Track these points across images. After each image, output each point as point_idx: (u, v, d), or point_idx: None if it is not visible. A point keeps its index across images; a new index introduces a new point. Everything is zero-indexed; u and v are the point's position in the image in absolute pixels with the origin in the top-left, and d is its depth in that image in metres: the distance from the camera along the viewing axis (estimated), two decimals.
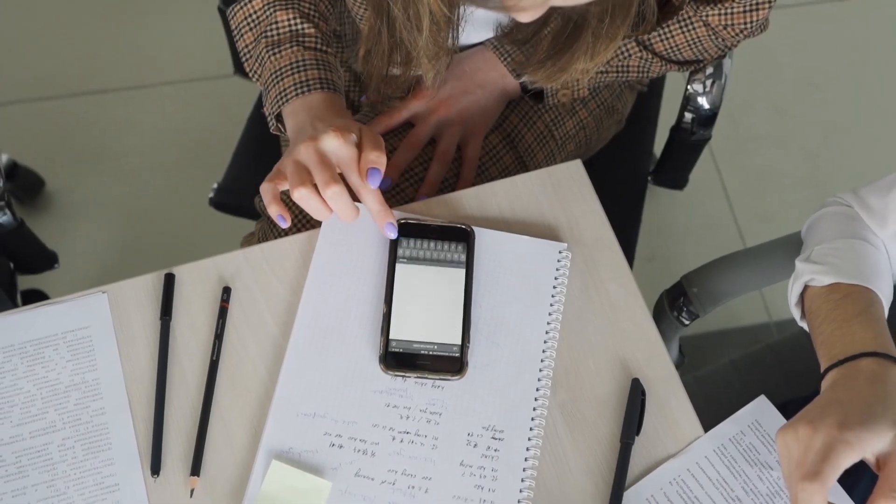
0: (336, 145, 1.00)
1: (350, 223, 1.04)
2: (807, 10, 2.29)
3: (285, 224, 1.00)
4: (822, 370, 0.93)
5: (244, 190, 1.39)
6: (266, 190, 1.02)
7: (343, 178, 1.00)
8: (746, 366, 1.34)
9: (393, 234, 1.04)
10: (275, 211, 1.01)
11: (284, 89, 1.09)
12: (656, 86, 1.50)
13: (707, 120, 1.34)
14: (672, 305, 1.22)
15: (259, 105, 1.51)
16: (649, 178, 1.51)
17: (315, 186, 0.98)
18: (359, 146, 1.01)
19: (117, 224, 1.96)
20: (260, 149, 1.45)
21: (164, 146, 2.04)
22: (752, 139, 2.12)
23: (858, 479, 0.97)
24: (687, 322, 1.22)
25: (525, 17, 0.87)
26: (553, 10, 1.03)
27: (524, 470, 0.97)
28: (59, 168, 2.00)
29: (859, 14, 2.28)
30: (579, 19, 1.02)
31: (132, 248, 1.91)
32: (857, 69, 2.20)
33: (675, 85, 1.42)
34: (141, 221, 1.96)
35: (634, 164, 1.47)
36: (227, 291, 1.04)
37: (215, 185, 1.45)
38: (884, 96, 2.16)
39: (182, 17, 2.18)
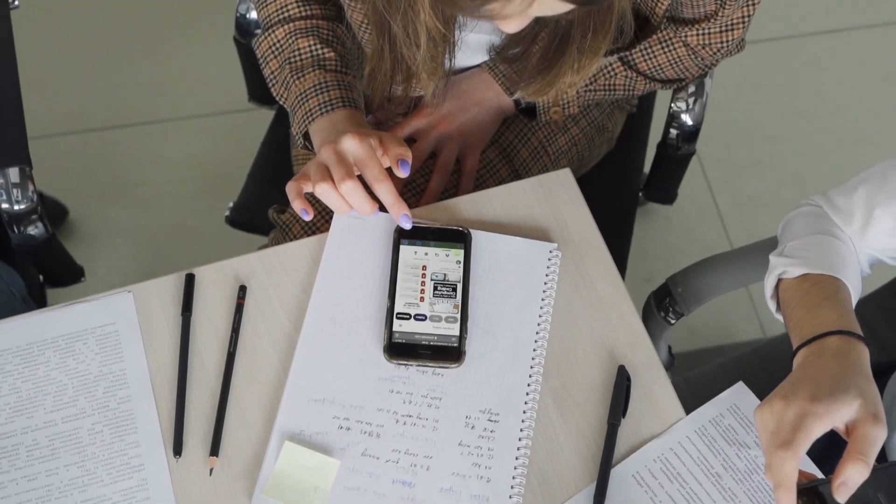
0: (353, 145, 1.10)
1: (358, 226, 1.13)
2: (795, 42, 2.39)
3: (308, 217, 1.11)
4: (793, 350, 1.01)
5: (258, 208, 1.47)
6: (290, 188, 1.12)
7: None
8: (733, 368, 1.42)
9: (408, 224, 1.12)
10: (298, 206, 1.11)
11: (310, 109, 1.19)
12: (645, 107, 1.59)
13: (691, 135, 1.43)
14: (659, 306, 1.30)
15: (272, 129, 1.60)
16: (640, 193, 1.59)
17: (335, 182, 1.08)
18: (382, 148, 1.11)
19: (137, 250, 2.06)
20: (272, 170, 1.54)
21: (181, 177, 2.14)
22: (745, 165, 2.21)
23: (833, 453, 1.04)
24: (673, 321, 1.30)
25: (510, 27, 0.97)
26: (540, 28, 1.12)
27: (518, 449, 1.05)
28: (82, 198, 2.09)
29: (844, 47, 2.38)
30: (564, 35, 1.11)
31: (151, 271, 1.99)
32: (841, 98, 2.30)
33: (663, 105, 1.50)
34: (159, 247, 2.05)
35: (625, 181, 1.56)
36: (243, 290, 1.12)
37: (231, 204, 1.55)
38: (865, 123, 2.26)
39: (198, 55, 2.29)
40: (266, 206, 1.42)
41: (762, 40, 2.37)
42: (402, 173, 1.11)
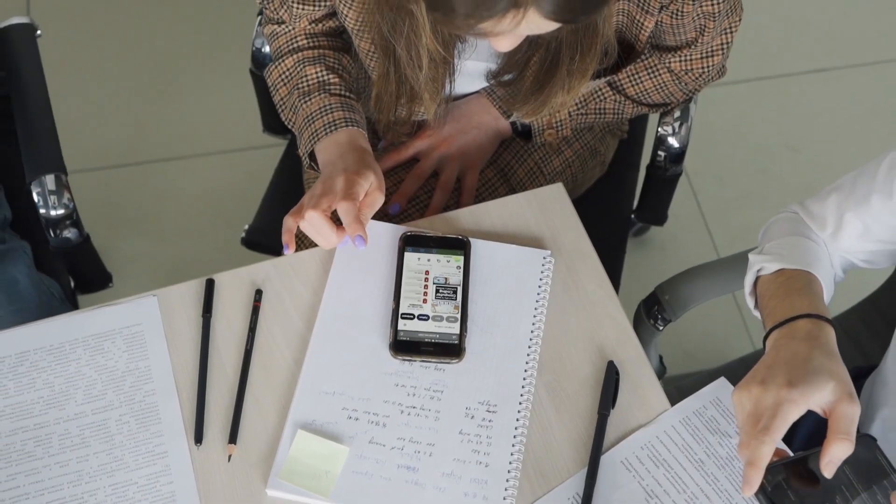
0: (340, 182, 1.19)
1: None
2: (786, 81, 2.50)
3: (288, 251, 1.20)
4: (765, 332, 1.09)
5: (272, 230, 1.56)
6: (285, 222, 1.22)
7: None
8: (721, 375, 1.49)
9: (361, 246, 1.19)
10: (284, 239, 1.20)
11: (315, 130, 1.29)
12: (637, 134, 1.68)
13: (677, 157, 1.53)
14: (648, 313, 1.38)
15: (285, 156, 1.70)
16: (633, 215, 1.68)
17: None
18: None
19: (155, 279, 2.15)
20: (286, 193, 1.63)
21: (198, 211, 2.24)
22: (738, 197, 2.30)
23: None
24: (661, 327, 1.38)
25: (503, 45, 1.07)
26: (533, 52, 1.22)
27: (514, 437, 1.13)
28: (104, 231, 2.18)
29: (833, 85, 2.49)
30: (554, 58, 1.21)
31: None
32: (830, 133, 2.40)
33: (654, 130, 1.60)
34: (177, 277, 2.14)
35: (618, 204, 1.64)
36: (259, 293, 1.21)
37: (246, 227, 1.64)
38: (853, 157, 2.34)
39: (214, 96, 2.41)
40: (280, 228, 1.51)
41: (755, 79, 2.48)
42: (358, 248, 1.19)
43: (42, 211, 1.44)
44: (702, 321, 2.13)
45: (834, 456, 0.99)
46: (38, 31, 1.59)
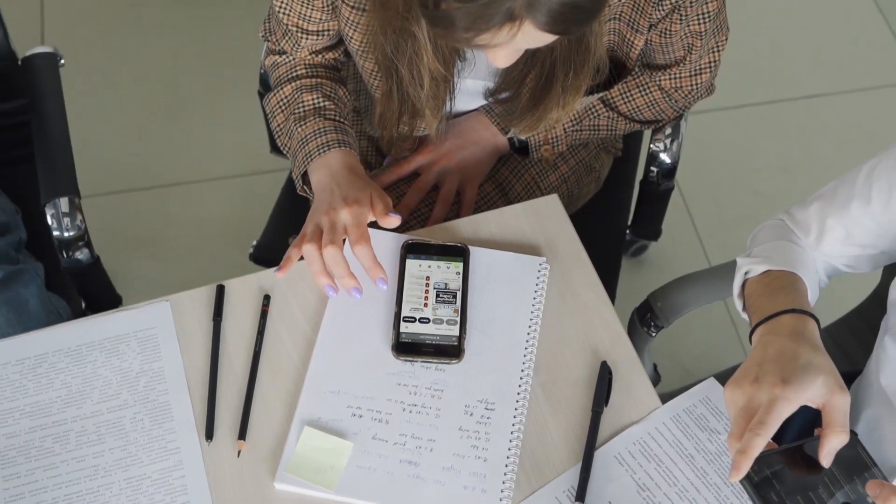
0: (344, 214, 1.24)
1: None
2: (780, 106, 2.56)
3: (277, 275, 1.24)
4: (751, 328, 1.14)
5: (279, 245, 1.62)
6: (289, 253, 1.25)
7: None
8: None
9: (384, 287, 1.23)
10: (282, 265, 1.24)
11: (309, 152, 1.34)
12: (631, 152, 1.74)
13: (669, 172, 1.58)
14: (642, 320, 1.43)
15: (290, 176, 1.76)
16: (628, 231, 1.74)
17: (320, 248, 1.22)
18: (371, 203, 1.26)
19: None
20: (292, 210, 1.69)
21: (207, 235, 2.30)
22: (733, 219, 2.36)
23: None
24: (654, 334, 1.43)
25: (500, 60, 1.13)
26: (528, 69, 1.28)
27: (512, 433, 1.18)
28: (115, 253, 2.24)
29: (825, 110, 2.55)
30: (549, 76, 1.27)
31: None
32: (823, 157, 2.46)
33: (646, 148, 1.66)
34: None
35: (613, 219, 1.70)
36: (267, 298, 1.27)
37: (255, 242, 1.70)
38: None
39: (224, 122, 2.48)
40: (286, 245, 1.57)
41: (750, 104, 2.55)
42: (394, 223, 1.24)
43: (56, 233, 1.49)
44: (698, 338, 2.18)
45: (831, 447, 1.03)
46: (62, 61, 1.65)
